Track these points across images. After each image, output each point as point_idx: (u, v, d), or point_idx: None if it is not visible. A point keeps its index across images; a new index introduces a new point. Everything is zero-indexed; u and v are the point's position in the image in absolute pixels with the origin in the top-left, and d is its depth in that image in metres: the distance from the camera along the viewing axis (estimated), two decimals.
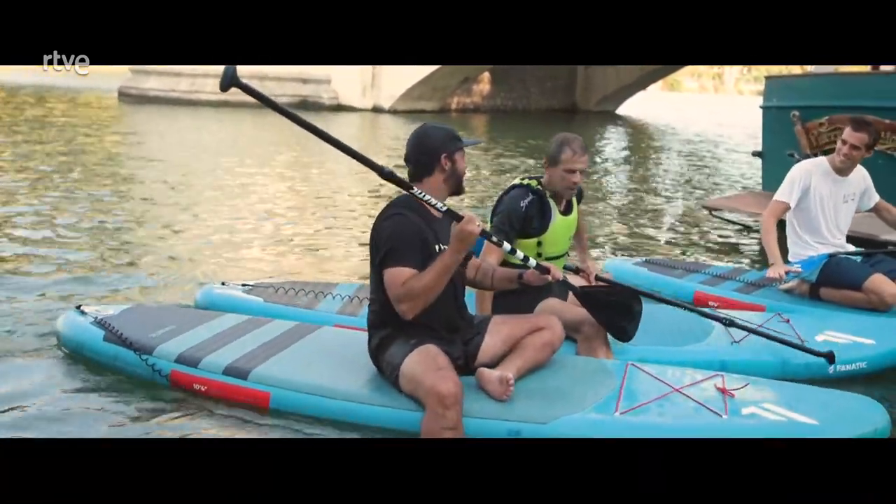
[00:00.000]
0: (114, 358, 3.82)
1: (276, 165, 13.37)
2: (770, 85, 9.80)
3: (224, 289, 4.85)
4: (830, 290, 4.98)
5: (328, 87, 30.97)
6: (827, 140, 8.31)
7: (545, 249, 4.10)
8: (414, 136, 3.43)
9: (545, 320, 3.60)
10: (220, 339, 3.87)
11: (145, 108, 26.01)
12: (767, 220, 5.07)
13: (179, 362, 3.67)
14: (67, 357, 4.04)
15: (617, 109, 43.40)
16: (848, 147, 4.96)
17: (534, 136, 22.74)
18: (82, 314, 4.10)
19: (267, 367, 3.59)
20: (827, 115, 8.29)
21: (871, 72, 9.30)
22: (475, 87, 37.26)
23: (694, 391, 3.39)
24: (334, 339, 3.98)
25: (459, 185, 3.45)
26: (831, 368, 4.04)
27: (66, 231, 7.25)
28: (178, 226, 7.93)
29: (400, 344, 3.31)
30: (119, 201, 9.06)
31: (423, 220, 3.32)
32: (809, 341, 4.16)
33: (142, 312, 4.22)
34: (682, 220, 9.72)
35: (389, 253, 3.23)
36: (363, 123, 25.98)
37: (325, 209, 9.49)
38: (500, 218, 4.04)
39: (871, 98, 7.99)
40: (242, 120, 23.50)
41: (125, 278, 5.74)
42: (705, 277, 5.49)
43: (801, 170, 5.12)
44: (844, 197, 5.12)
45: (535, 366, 3.49)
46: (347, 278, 6.12)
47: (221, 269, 6.24)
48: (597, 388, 3.39)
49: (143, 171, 11.70)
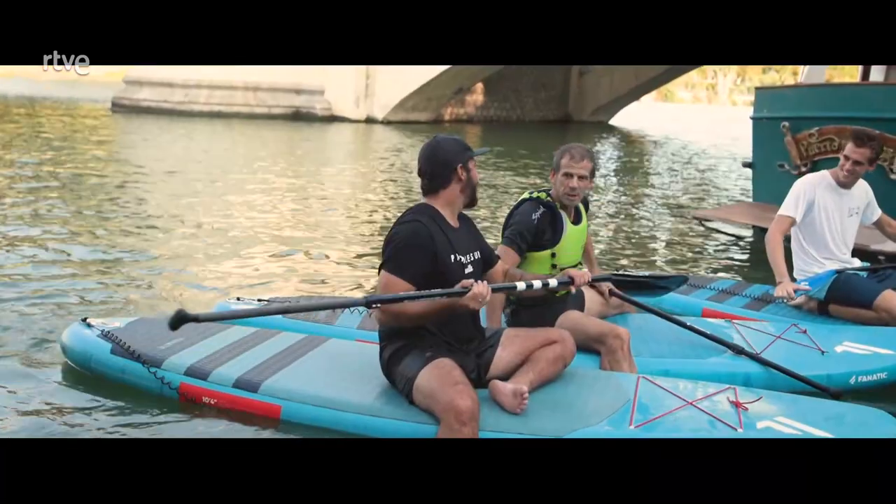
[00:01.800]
0: (121, 371, 3.78)
1: (274, 176, 13.37)
2: (760, 96, 9.84)
3: (241, 305, 4.78)
4: (839, 307, 4.89)
5: (321, 97, 31.00)
6: (817, 151, 8.36)
7: (559, 260, 4.12)
8: (427, 150, 3.43)
9: (557, 334, 3.59)
10: (229, 352, 3.85)
11: (140, 119, 26.05)
12: (774, 236, 4.95)
13: (189, 375, 3.64)
14: (73, 370, 4.01)
15: (610, 120, 43.58)
16: (850, 163, 4.90)
17: (527, 146, 22.81)
18: (88, 327, 4.06)
19: (277, 379, 3.57)
20: (817, 126, 8.33)
21: (860, 83, 9.38)
22: (469, 97, 37.35)
23: (707, 404, 3.39)
24: (344, 350, 3.95)
25: (474, 195, 3.47)
26: (852, 379, 4.05)
27: (69, 246, 7.23)
28: (185, 240, 7.92)
29: (414, 356, 3.29)
30: (120, 216, 9.05)
31: (440, 228, 3.33)
32: (829, 352, 4.19)
33: (149, 325, 4.16)
34: (675, 231, 9.76)
35: (391, 259, 3.26)
36: (357, 134, 26.02)
37: (330, 222, 9.52)
38: (512, 231, 4.06)
39: (860, 109, 8.03)
40: (236, 130, 23.57)
41: (130, 292, 5.74)
42: (712, 293, 5.42)
43: (805, 183, 5.04)
44: (849, 210, 5.05)
45: (547, 379, 3.49)
46: (359, 292, 6.15)
47: (228, 282, 6.24)
48: (610, 402, 3.38)
49: (143, 185, 11.71)
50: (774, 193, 9.16)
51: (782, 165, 8.85)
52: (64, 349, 4.08)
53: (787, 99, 9.30)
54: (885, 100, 7.97)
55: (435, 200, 3.39)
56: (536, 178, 14.69)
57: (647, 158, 23.80)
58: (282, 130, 24.83)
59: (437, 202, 3.40)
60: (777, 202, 8.85)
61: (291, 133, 24.27)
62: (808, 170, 8.47)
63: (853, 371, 4.09)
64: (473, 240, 3.53)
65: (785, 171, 8.81)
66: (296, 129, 25.64)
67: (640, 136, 34.64)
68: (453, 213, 3.45)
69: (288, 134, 23.91)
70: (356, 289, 6.28)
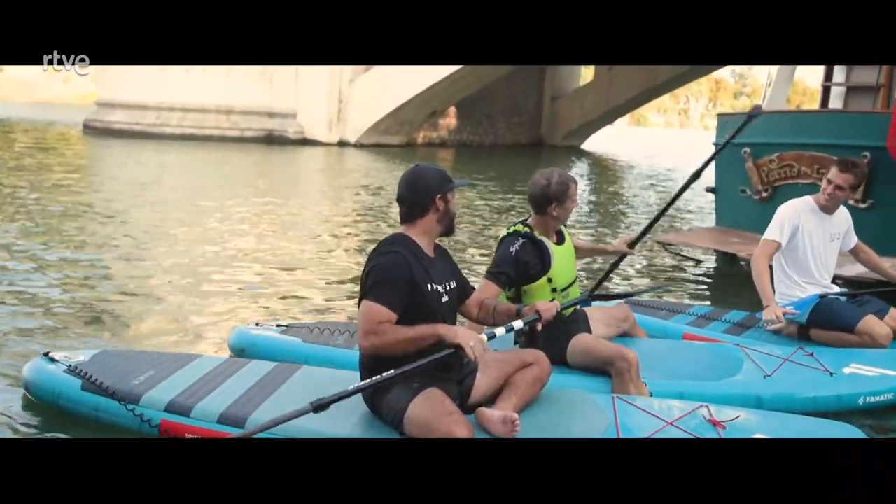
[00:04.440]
0: (95, 409, 3.61)
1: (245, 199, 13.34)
2: (722, 122, 9.95)
3: (260, 330, 4.76)
4: (821, 331, 4.94)
5: (294, 120, 31.02)
6: (777, 176, 8.49)
7: (556, 283, 4.18)
8: (408, 177, 3.41)
9: (532, 356, 3.62)
10: (206, 383, 3.74)
11: (111, 141, 25.93)
12: (760, 262, 4.97)
13: (170, 411, 3.50)
14: (40, 408, 3.83)
15: (582, 144, 43.83)
16: (833, 187, 4.95)
17: (500, 170, 22.91)
18: (52, 361, 3.87)
19: (263, 412, 3.45)
20: (777, 152, 8.46)
21: (818, 110, 9.55)
22: (441, 121, 37.48)
23: (686, 423, 3.43)
24: (319, 379, 3.88)
25: (451, 225, 3.47)
26: (861, 400, 4.16)
27: (24, 275, 7.09)
28: (147, 267, 7.88)
29: (401, 387, 3.26)
30: (68, 242, 8.97)
31: (416, 258, 3.33)
32: (837, 374, 4.29)
33: (115, 357, 4.02)
34: (641, 255, 9.82)
35: (374, 287, 3.23)
36: (329, 157, 26.04)
37: (302, 246, 9.52)
38: (493, 265, 4.14)
39: (818, 136, 8.17)
40: (209, 153, 23.53)
41: (87, 321, 5.64)
42: (691, 318, 5.46)
43: (790, 209, 5.08)
44: (831, 236, 5.10)
45: (528, 402, 3.51)
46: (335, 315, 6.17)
47: (191, 310, 6.19)
48: (592, 425, 3.39)
49: (104, 211, 11.65)
50: (736, 218, 9.33)
51: (744, 191, 8.97)
52: (27, 386, 3.88)
53: (748, 125, 9.40)
54: (843, 127, 8.13)
55: (411, 229, 3.40)
56: (511, 201, 14.78)
57: (616, 182, 23.99)
58: (254, 154, 24.80)
59: (413, 231, 3.40)
60: (739, 227, 9.09)
61: (264, 156, 24.25)
62: (768, 195, 8.63)
63: (862, 392, 4.21)
64: (449, 270, 3.54)
65: (746, 196, 8.95)
66: (268, 153, 25.63)
67: (611, 160, 34.87)
68: (430, 243, 3.45)
69: (260, 157, 23.89)
70: (332, 311, 6.28)
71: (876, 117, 7.98)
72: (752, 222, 8.89)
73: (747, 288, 5.14)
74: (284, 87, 30.39)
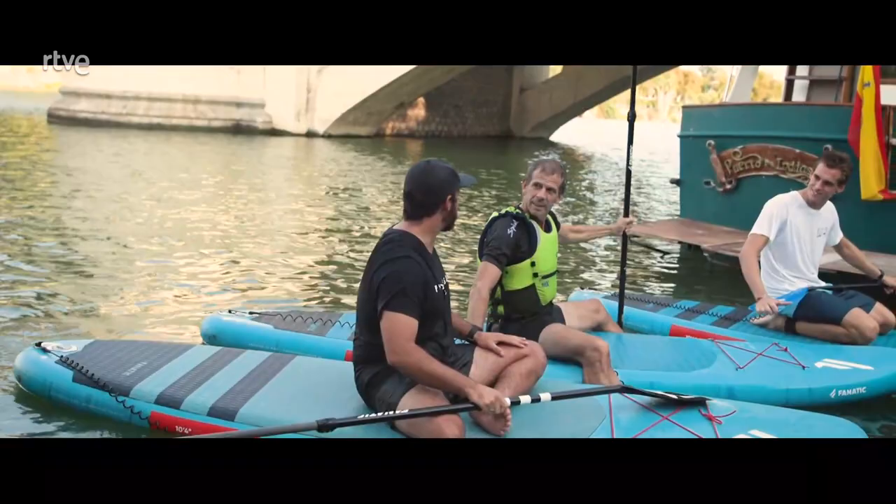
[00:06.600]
0: (86, 400, 3.60)
1: (215, 189, 13.30)
2: (687, 114, 10.06)
3: (232, 317, 4.74)
4: (807, 324, 4.99)
5: (262, 110, 30.83)
6: (741, 168, 8.61)
7: (539, 268, 4.26)
8: (419, 174, 3.30)
9: (528, 348, 3.60)
10: (198, 375, 3.71)
11: (76, 131, 25.63)
12: (749, 256, 4.96)
13: (160, 403, 3.48)
14: (31, 398, 3.80)
15: (551, 136, 44.01)
16: (820, 183, 4.97)
17: (468, 161, 22.94)
18: (44, 352, 3.84)
19: (253, 405, 3.44)
20: (741, 144, 8.58)
21: (782, 103, 9.68)
22: (410, 112, 37.43)
23: (681, 418, 3.40)
24: (312, 369, 3.86)
25: (452, 223, 3.42)
26: (832, 393, 4.17)
27: (11, 263, 7.06)
28: (125, 257, 7.85)
29: (395, 382, 3.23)
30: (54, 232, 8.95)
31: (423, 259, 3.25)
32: (809, 367, 4.31)
33: (107, 348, 3.98)
34: (607, 247, 9.90)
35: (395, 298, 3.11)
36: (297, 148, 25.92)
37: (274, 235, 9.51)
38: (491, 247, 4.17)
39: (781, 129, 8.30)
40: (176, 143, 23.35)
41: (75, 312, 5.62)
42: (679, 311, 5.51)
43: (778, 204, 5.08)
44: (818, 231, 5.12)
45: (522, 394, 3.40)
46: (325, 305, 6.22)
47: (171, 298, 6.21)
48: (586, 419, 3.36)
49: (77, 201, 11.60)
50: (700, 210, 9.45)
51: (708, 182, 9.09)
52: (19, 377, 3.86)
53: (712, 118, 9.54)
54: (806, 120, 8.26)
55: (415, 227, 3.30)
56: (488, 190, 14.90)
57: (584, 174, 24.08)
58: (222, 144, 24.64)
59: (417, 229, 3.30)
60: (703, 219, 9.21)
61: (232, 146, 24.08)
62: (732, 187, 8.75)
63: (833, 385, 4.20)
64: (440, 265, 3.48)
65: (711, 188, 9.07)
66: (236, 143, 25.46)
67: (578, 151, 35.04)
68: (431, 241, 3.37)
69: (228, 147, 23.73)
70: (304, 299, 6.30)
71: (838, 110, 8.10)
72: (717, 214, 9.05)
73: (714, 279, 5.18)
74: (252, 77, 30.19)
